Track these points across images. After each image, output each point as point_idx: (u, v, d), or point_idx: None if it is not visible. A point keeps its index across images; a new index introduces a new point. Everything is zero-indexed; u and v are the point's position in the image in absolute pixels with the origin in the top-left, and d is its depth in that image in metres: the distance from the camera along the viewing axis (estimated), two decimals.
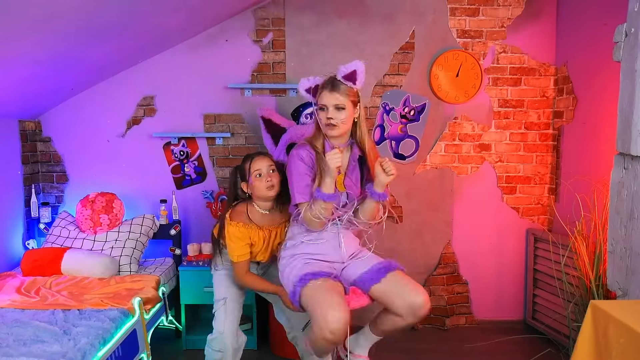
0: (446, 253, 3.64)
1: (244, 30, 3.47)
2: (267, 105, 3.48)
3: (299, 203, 2.14)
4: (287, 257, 2.22)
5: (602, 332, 1.54)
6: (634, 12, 1.90)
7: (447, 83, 3.48)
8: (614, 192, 2.04)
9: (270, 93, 3.52)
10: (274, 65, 3.50)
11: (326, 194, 2.06)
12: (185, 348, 3.26)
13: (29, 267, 3.00)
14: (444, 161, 3.59)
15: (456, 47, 3.49)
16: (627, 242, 1.96)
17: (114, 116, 3.53)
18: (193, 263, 3.29)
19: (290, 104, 3.43)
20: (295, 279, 2.10)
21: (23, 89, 2.94)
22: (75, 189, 3.55)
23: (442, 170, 3.59)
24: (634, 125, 1.88)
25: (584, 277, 2.68)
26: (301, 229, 2.22)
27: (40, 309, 2.51)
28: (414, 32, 3.49)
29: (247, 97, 3.51)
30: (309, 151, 2.18)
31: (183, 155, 3.54)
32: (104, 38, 2.71)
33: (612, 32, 2.02)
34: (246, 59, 3.49)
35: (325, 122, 2.13)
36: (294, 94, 3.49)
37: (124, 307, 2.56)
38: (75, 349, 2.09)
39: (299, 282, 2.07)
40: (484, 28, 3.50)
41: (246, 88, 3.49)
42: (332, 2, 3.46)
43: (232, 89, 3.50)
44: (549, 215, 3.59)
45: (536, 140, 3.58)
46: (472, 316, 3.67)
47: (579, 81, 3.25)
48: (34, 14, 2.05)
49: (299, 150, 2.18)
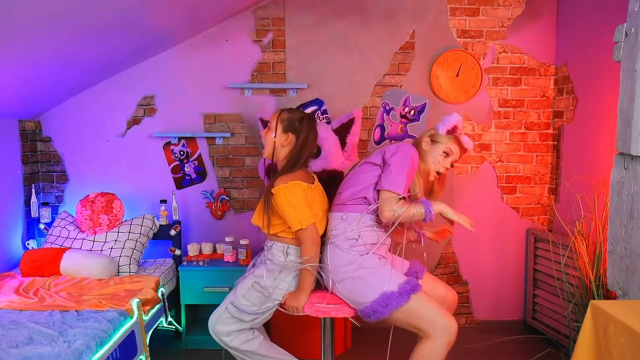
0: (446, 253, 3.64)
1: (244, 30, 3.47)
2: (267, 105, 3.48)
3: (392, 191, 2.11)
4: (368, 252, 2.16)
5: (602, 332, 1.54)
6: (634, 12, 1.89)
7: (447, 83, 3.48)
8: (614, 192, 2.04)
9: (270, 93, 3.51)
10: (274, 65, 3.50)
11: (432, 213, 2.13)
12: (185, 348, 3.26)
13: (28, 267, 3.00)
14: None
15: (456, 47, 3.49)
16: (627, 242, 1.95)
17: (114, 116, 3.53)
18: (193, 263, 3.28)
19: (290, 104, 3.43)
20: (402, 282, 2.10)
21: (23, 89, 2.94)
22: (75, 189, 3.55)
23: None
24: (634, 125, 1.88)
25: (584, 277, 2.67)
26: (364, 222, 2.20)
27: (38, 310, 2.50)
28: (414, 32, 3.49)
29: (247, 97, 3.51)
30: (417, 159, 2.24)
31: (183, 155, 3.54)
32: (104, 38, 2.71)
33: (612, 32, 2.02)
34: (246, 58, 3.49)
35: (440, 169, 2.30)
36: (293, 93, 3.49)
37: (123, 309, 2.55)
38: (69, 350, 2.07)
39: (411, 287, 2.08)
40: (484, 28, 3.50)
41: (246, 88, 3.49)
42: (332, 2, 3.46)
43: (232, 88, 3.50)
44: (549, 215, 3.59)
45: (536, 140, 3.58)
46: (472, 316, 3.67)
47: (579, 81, 3.25)
48: (33, 14, 2.05)
49: (415, 153, 2.21)
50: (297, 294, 2.19)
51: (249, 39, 3.48)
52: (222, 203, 3.55)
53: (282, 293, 2.25)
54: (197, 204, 3.58)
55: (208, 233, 3.59)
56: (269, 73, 3.51)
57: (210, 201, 3.55)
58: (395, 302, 2.03)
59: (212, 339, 3.24)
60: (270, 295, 2.24)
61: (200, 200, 3.58)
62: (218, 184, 3.58)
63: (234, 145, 3.55)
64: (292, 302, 2.19)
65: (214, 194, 3.55)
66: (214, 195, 3.55)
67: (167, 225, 3.42)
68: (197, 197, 3.58)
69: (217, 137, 3.52)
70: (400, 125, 3.51)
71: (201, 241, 3.51)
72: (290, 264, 2.25)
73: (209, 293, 3.19)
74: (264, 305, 2.26)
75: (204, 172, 3.57)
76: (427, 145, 2.31)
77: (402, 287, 2.07)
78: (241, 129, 3.54)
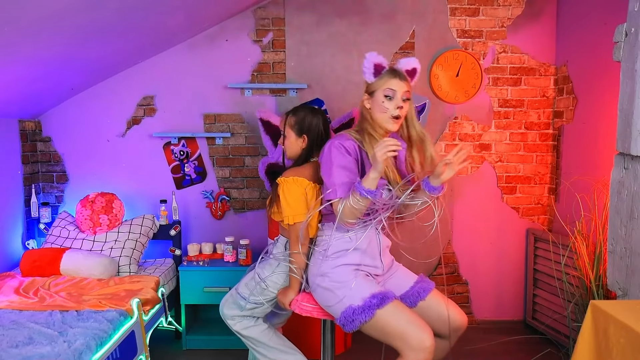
0: (446, 253, 3.64)
1: (244, 30, 3.47)
2: (267, 105, 3.48)
3: (331, 199, 1.94)
4: (338, 265, 2.03)
5: (602, 332, 1.54)
6: (634, 12, 1.89)
7: (447, 83, 3.48)
8: (614, 192, 2.04)
9: (270, 93, 3.51)
10: (274, 65, 3.50)
11: (366, 188, 1.84)
12: (185, 348, 3.26)
13: (28, 267, 3.00)
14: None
15: (456, 47, 3.49)
16: (627, 242, 1.95)
17: (114, 116, 3.53)
18: (193, 263, 3.28)
19: (290, 104, 3.43)
20: (367, 296, 1.93)
21: (23, 89, 2.94)
22: (75, 189, 3.55)
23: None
24: (634, 125, 1.88)
25: (584, 277, 2.67)
26: (337, 231, 2.05)
27: (38, 310, 2.51)
28: (414, 32, 3.49)
29: (247, 97, 3.51)
30: (354, 144, 2.00)
31: (183, 155, 3.54)
32: (104, 38, 2.71)
33: (612, 32, 2.02)
34: (246, 58, 3.49)
35: (393, 112, 1.97)
36: (293, 93, 3.49)
37: (122, 309, 2.55)
38: (69, 350, 2.07)
39: (377, 302, 1.91)
40: (484, 28, 3.50)
41: (246, 88, 3.49)
42: (332, 2, 3.46)
43: (232, 88, 3.50)
44: (549, 215, 3.59)
45: (536, 140, 3.58)
46: (472, 316, 3.67)
47: (579, 81, 3.25)
48: (34, 14, 2.05)
49: (344, 141, 1.99)
50: (286, 290, 2.22)
51: (249, 39, 3.48)
52: (222, 203, 3.55)
53: (277, 287, 2.30)
54: (197, 204, 3.58)
55: (208, 233, 3.59)
56: (269, 73, 3.51)
57: (210, 201, 3.55)
58: (359, 317, 1.90)
59: (212, 339, 3.27)
60: (267, 288, 2.30)
61: (200, 200, 3.58)
62: (218, 184, 3.58)
63: (234, 145, 3.55)
64: (281, 297, 2.22)
65: (214, 194, 3.55)
66: (214, 195, 3.55)
67: (167, 225, 3.42)
68: (197, 197, 3.58)
69: (217, 137, 3.52)
70: None
71: (201, 241, 3.51)
72: (279, 256, 2.30)
73: (209, 293, 3.19)
74: (262, 296, 2.32)
75: (204, 172, 3.57)
76: (368, 102, 2.04)
77: (366, 301, 1.91)
78: (241, 129, 3.54)
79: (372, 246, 2.10)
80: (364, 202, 1.88)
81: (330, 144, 2.03)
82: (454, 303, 2.17)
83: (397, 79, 1.99)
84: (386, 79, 1.99)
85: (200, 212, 3.59)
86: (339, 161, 1.97)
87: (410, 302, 2.11)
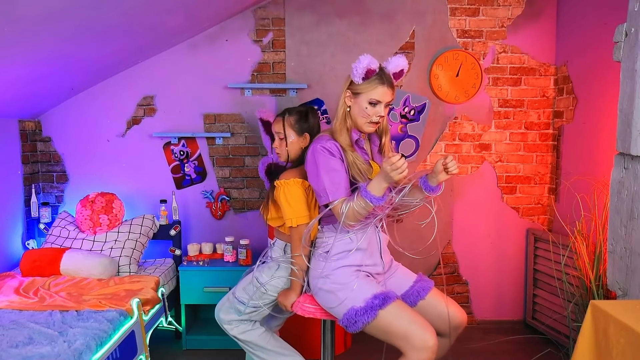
0: (446, 253, 3.64)
1: (244, 30, 3.47)
2: (267, 105, 3.48)
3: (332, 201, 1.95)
4: (339, 266, 2.03)
5: (602, 332, 1.54)
6: (634, 12, 1.89)
7: (447, 83, 3.48)
8: (614, 192, 2.04)
9: (270, 93, 3.51)
10: (274, 65, 3.50)
11: (375, 196, 1.85)
12: (185, 348, 3.26)
13: (28, 267, 3.00)
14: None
15: (456, 47, 3.49)
16: (627, 242, 1.95)
17: (114, 116, 3.53)
18: (193, 263, 3.29)
19: (290, 104, 3.43)
20: (368, 297, 1.94)
21: (23, 89, 2.94)
22: (75, 188, 3.55)
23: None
24: (634, 125, 1.88)
25: (584, 277, 2.67)
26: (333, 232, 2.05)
27: (38, 310, 2.51)
28: (414, 32, 3.49)
29: (247, 97, 3.51)
30: (336, 144, 2.01)
31: (183, 155, 3.54)
32: (104, 38, 2.71)
33: (612, 32, 2.02)
34: (246, 58, 3.49)
35: (373, 118, 1.99)
36: (294, 93, 3.49)
37: (122, 309, 2.55)
38: (69, 350, 2.07)
39: (380, 302, 1.92)
40: (484, 28, 3.50)
41: (246, 88, 3.49)
42: (332, 2, 3.46)
43: (232, 88, 3.50)
44: (549, 215, 3.59)
45: (536, 140, 3.58)
46: (472, 316, 3.67)
47: (579, 81, 3.25)
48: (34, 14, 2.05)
49: (325, 143, 2.00)
50: (288, 292, 2.21)
51: (249, 39, 3.48)
52: (222, 203, 3.55)
53: (277, 290, 2.29)
54: (197, 204, 3.58)
55: (208, 233, 3.59)
56: (269, 73, 3.51)
57: (210, 201, 3.55)
58: (362, 318, 1.91)
59: (212, 339, 3.27)
60: (267, 292, 2.29)
61: (200, 200, 3.58)
62: (218, 184, 3.58)
63: (234, 145, 3.55)
64: (282, 299, 2.21)
65: (214, 194, 3.55)
66: (214, 195, 3.55)
67: (167, 225, 3.42)
68: (197, 197, 3.58)
69: (217, 137, 3.52)
70: (400, 125, 3.51)
71: (201, 241, 3.51)
72: (281, 260, 2.28)
73: (209, 293, 3.20)
74: (260, 300, 2.30)
75: (204, 172, 3.57)
76: (350, 99, 2.04)
77: (368, 302, 1.93)
78: (241, 129, 3.54)
79: (372, 245, 2.11)
80: (369, 208, 1.89)
81: (312, 149, 2.03)
82: (453, 301, 2.17)
83: (385, 86, 1.99)
84: (374, 86, 1.98)
85: (200, 212, 3.59)
86: (326, 164, 1.98)
87: (410, 301, 2.12)
